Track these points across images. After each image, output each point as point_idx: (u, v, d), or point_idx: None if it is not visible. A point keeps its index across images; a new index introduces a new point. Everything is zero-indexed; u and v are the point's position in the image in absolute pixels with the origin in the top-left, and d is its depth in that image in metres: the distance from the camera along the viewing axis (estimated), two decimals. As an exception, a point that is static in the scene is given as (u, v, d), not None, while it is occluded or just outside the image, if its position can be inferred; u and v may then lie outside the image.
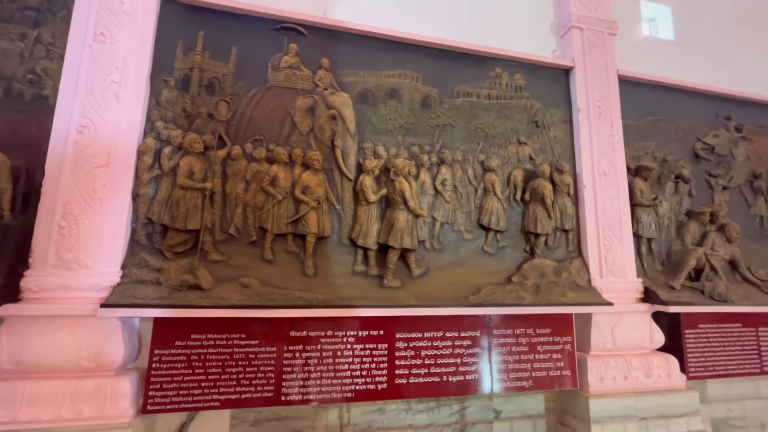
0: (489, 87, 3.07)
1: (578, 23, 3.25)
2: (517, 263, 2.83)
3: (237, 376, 2.11)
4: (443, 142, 2.88)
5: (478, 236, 2.84)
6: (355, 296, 2.36)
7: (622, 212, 3.03)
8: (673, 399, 2.68)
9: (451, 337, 2.45)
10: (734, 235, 3.23)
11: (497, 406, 2.68)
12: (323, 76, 2.71)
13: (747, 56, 3.95)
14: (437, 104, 2.93)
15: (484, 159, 2.92)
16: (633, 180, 3.19)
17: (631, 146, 3.30)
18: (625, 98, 3.32)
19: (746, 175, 3.60)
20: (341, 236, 2.57)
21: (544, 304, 2.59)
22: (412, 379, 2.34)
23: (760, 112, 3.77)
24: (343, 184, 2.63)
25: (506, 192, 2.95)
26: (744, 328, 3.07)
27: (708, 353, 2.93)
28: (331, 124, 2.64)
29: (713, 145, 3.52)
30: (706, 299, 2.99)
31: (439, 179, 2.80)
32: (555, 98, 3.20)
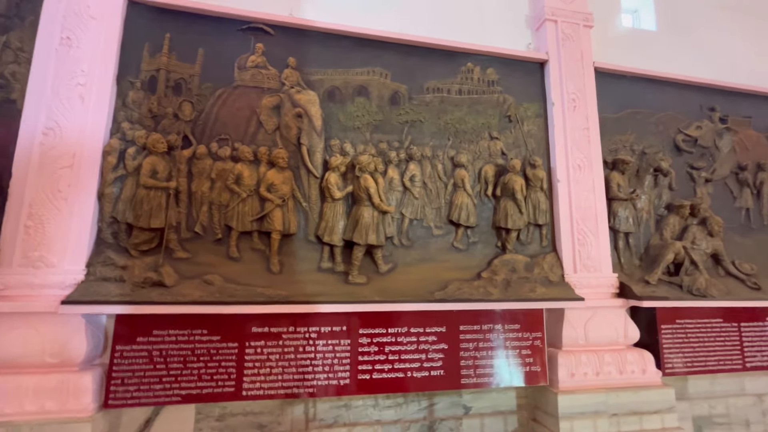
0: (460, 82, 3.06)
1: (552, 16, 3.21)
2: (488, 259, 2.82)
3: (198, 372, 2.15)
4: (412, 138, 2.88)
5: (448, 232, 2.83)
6: (319, 292, 2.38)
7: (597, 206, 2.99)
8: (646, 395, 2.63)
9: (415, 333, 2.45)
10: (716, 229, 3.16)
11: (467, 402, 2.67)
12: (290, 75, 2.73)
13: (732, 45, 3.86)
14: (406, 100, 2.93)
15: (454, 155, 2.91)
16: (610, 173, 3.14)
17: (608, 139, 3.25)
18: (602, 91, 3.27)
19: (731, 167, 3.51)
20: (308, 233, 2.59)
21: (512, 300, 2.57)
22: (375, 375, 2.35)
23: (746, 103, 3.67)
24: (309, 181, 2.65)
25: (477, 187, 2.93)
26: (725, 323, 3.00)
27: (686, 349, 2.87)
28: (297, 122, 2.66)
29: (696, 136, 3.45)
30: (684, 294, 2.93)
31: (407, 175, 2.79)
32: (529, 92, 3.17)
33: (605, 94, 3.29)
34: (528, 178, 2.98)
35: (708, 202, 3.36)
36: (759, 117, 3.69)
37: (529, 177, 2.98)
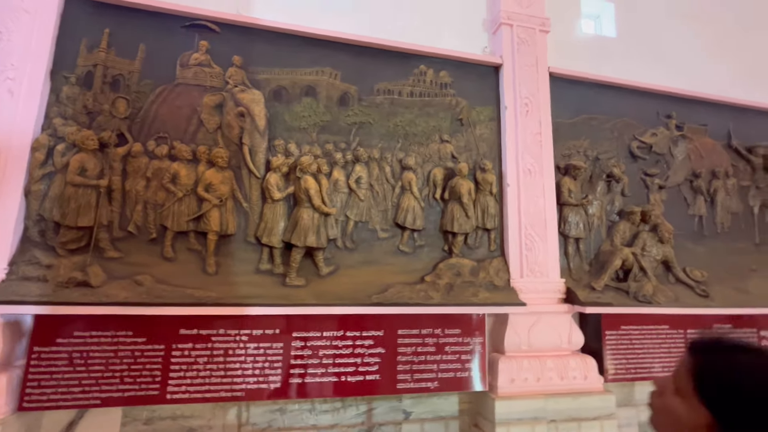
0: (412, 84, 3.04)
1: (508, 20, 3.21)
2: (434, 262, 2.80)
3: (121, 374, 2.10)
4: (360, 139, 2.85)
5: (395, 235, 2.81)
6: (253, 294, 2.35)
7: (547, 211, 2.99)
8: (587, 401, 2.63)
9: (351, 337, 2.42)
10: (666, 235, 3.17)
11: (407, 407, 2.65)
12: (234, 74, 2.69)
13: (690, 54, 3.88)
14: (356, 101, 2.90)
15: (403, 157, 2.89)
16: (562, 179, 3.14)
17: (562, 144, 3.25)
18: (558, 96, 3.28)
19: (686, 175, 3.53)
20: (247, 234, 2.55)
21: (452, 304, 2.56)
22: (308, 379, 2.32)
23: (702, 111, 3.69)
24: (250, 181, 2.61)
25: (425, 190, 2.92)
26: (671, 330, 3.01)
27: (630, 355, 2.88)
28: (239, 122, 2.62)
29: (651, 143, 3.46)
30: (630, 300, 2.94)
31: (353, 177, 2.77)
32: (483, 96, 3.16)
33: (561, 99, 3.30)
34: (478, 181, 2.97)
35: (661, 209, 3.37)
36: (715, 125, 3.71)
37: (479, 181, 2.97)
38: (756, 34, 4.24)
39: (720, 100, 3.75)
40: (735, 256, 3.49)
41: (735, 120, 3.79)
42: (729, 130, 3.74)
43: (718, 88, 3.79)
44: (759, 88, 3.98)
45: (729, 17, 4.18)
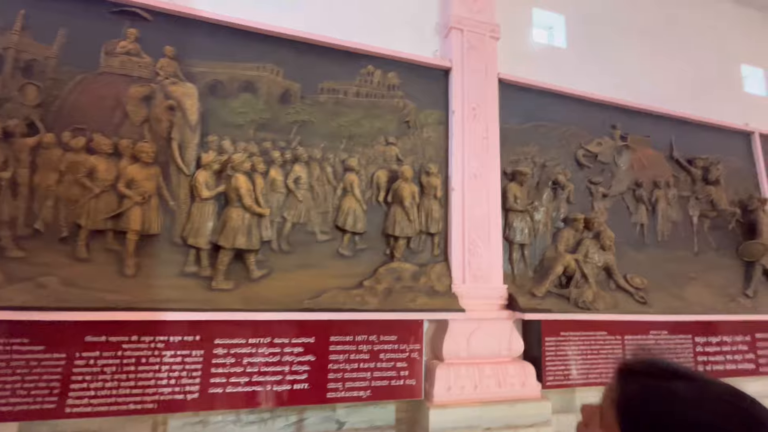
0: (358, 84, 2.98)
1: (458, 24, 3.21)
2: (375, 266, 2.72)
3: (12, 386, 1.91)
4: (301, 139, 2.76)
5: (335, 238, 2.72)
6: (173, 298, 2.20)
7: (491, 216, 2.98)
8: (523, 409, 2.61)
9: (279, 344, 2.31)
10: (608, 243, 3.22)
11: (341, 417, 2.55)
12: (166, 65, 2.55)
13: (636, 66, 4.01)
14: (298, 100, 2.81)
15: (346, 158, 2.81)
16: (508, 184, 3.15)
17: (510, 150, 3.27)
18: (507, 102, 3.30)
19: (629, 184, 3.62)
20: (173, 234, 2.40)
21: (387, 310, 2.49)
22: (229, 389, 2.19)
23: (646, 122, 3.81)
24: (179, 179, 2.46)
25: (368, 193, 2.85)
26: (609, 336, 3.04)
27: (569, 361, 2.89)
28: (168, 115, 2.48)
29: (596, 152, 3.53)
30: (570, 306, 2.96)
31: (291, 177, 2.67)
32: (432, 99, 3.14)
33: (510, 106, 3.32)
34: (423, 185, 2.93)
35: (604, 217, 3.44)
36: (657, 136, 3.84)
37: (423, 184, 2.93)
38: (698, 53, 4.44)
39: (663, 113, 3.88)
40: (674, 264, 3.60)
41: (677, 132, 3.94)
42: (671, 142, 3.88)
43: (662, 101, 3.93)
44: (700, 103, 4.15)
45: (674, 34, 4.36)
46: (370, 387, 2.43)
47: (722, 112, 4.27)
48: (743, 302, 3.58)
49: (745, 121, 4.35)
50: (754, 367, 3.45)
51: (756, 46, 4.80)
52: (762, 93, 4.67)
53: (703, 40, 4.50)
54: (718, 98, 4.39)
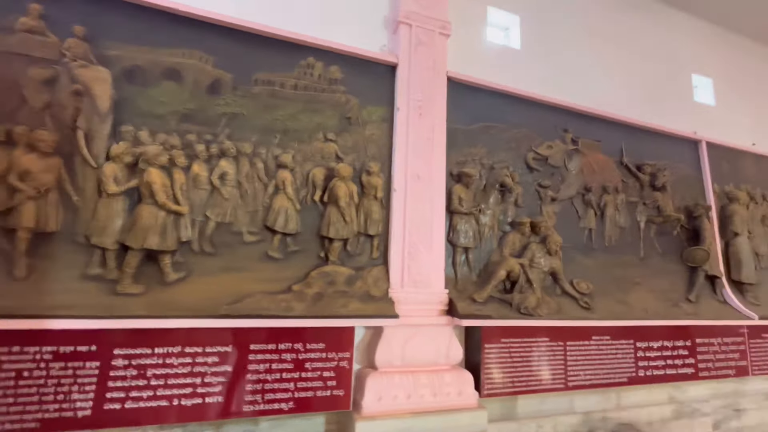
0: (297, 77, 2.82)
1: (407, 19, 3.10)
2: (307, 270, 2.57)
3: None
4: (231, 132, 2.57)
5: (264, 239, 2.55)
6: (68, 304, 1.97)
7: (434, 219, 2.88)
8: (457, 418, 2.51)
9: (191, 354, 2.12)
10: (553, 247, 3.18)
11: (264, 430, 2.38)
12: (74, 46, 2.31)
13: (590, 71, 4.03)
14: (229, 90, 2.63)
15: (279, 154, 2.65)
16: (453, 186, 3.06)
17: (458, 151, 3.18)
18: (456, 102, 3.22)
19: (578, 188, 3.61)
20: (77, 233, 2.18)
21: (314, 316, 2.34)
22: (129, 404, 1.98)
23: (598, 127, 3.82)
24: (85, 172, 2.24)
25: (304, 192, 2.70)
26: (551, 343, 3.00)
27: (509, 369, 2.82)
28: (74, 101, 2.25)
29: (546, 155, 3.50)
30: (512, 312, 2.90)
31: (217, 173, 2.48)
32: (377, 95, 3.01)
33: (459, 106, 3.24)
34: (363, 185, 2.81)
35: (553, 221, 3.40)
36: (608, 141, 3.85)
37: (364, 184, 2.80)
38: (650, 61, 4.51)
39: (615, 119, 3.90)
40: (620, 269, 3.61)
41: (627, 138, 3.97)
42: (621, 148, 3.90)
43: (614, 107, 3.95)
44: (651, 110, 4.20)
45: (628, 41, 4.41)
46: (293, 398, 2.27)
47: (672, 119, 4.35)
48: (685, 307, 3.63)
49: (694, 129, 4.44)
50: (694, 371, 3.49)
51: (707, 56, 4.93)
52: (710, 102, 4.79)
53: (656, 48, 4.58)
54: (669, 106, 4.47)
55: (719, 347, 3.66)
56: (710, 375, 3.55)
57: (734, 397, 3.87)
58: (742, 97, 5.04)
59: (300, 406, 2.28)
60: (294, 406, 2.26)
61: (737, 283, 4.09)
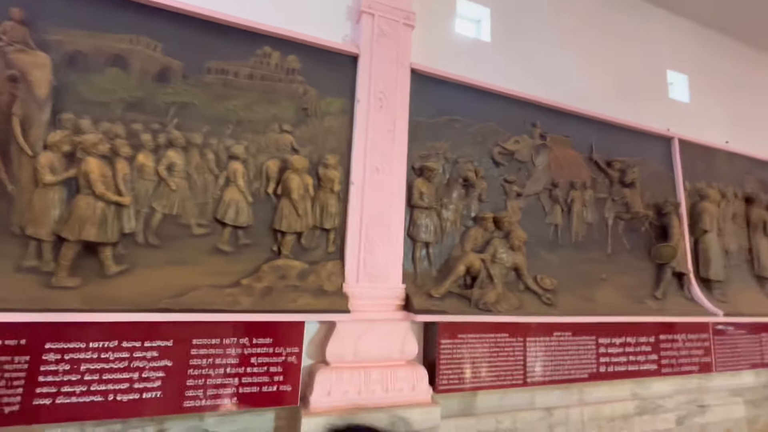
0: (252, 66, 2.75)
1: (369, 9, 3.03)
2: (258, 264, 2.52)
3: None
4: (180, 122, 2.50)
5: (214, 232, 2.49)
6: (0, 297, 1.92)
7: (393, 212, 2.83)
8: (409, 414, 2.49)
9: (128, 348, 2.07)
10: (517, 243, 3.16)
11: (210, 426, 2.34)
12: (11, 29, 2.23)
13: (563, 66, 3.99)
14: (179, 79, 2.55)
15: (231, 145, 2.59)
16: (415, 180, 3.02)
17: (421, 145, 3.14)
18: (420, 94, 3.17)
19: (545, 184, 3.58)
20: (11, 223, 2.10)
21: (260, 311, 2.29)
22: (60, 400, 1.93)
23: (568, 122, 3.78)
24: (21, 160, 2.16)
25: (257, 184, 2.64)
26: (511, 338, 2.99)
27: (466, 364, 2.80)
28: (9, 87, 2.16)
29: (513, 150, 3.46)
30: (471, 308, 2.87)
31: (164, 163, 2.42)
32: (337, 86, 2.95)
33: (423, 98, 3.19)
34: (320, 178, 2.76)
35: (518, 216, 3.38)
36: (579, 137, 3.82)
37: (320, 177, 2.75)
38: (625, 56, 4.48)
39: (586, 114, 3.87)
40: (587, 266, 3.60)
41: (598, 134, 3.94)
42: (592, 144, 3.88)
43: (586, 103, 3.92)
44: (624, 106, 4.18)
45: (602, 36, 4.37)
46: (237, 394, 2.23)
47: (647, 116, 4.34)
48: (650, 304, 3.64)
49: (668, 126, 4.43)
50: (657, 368, 3.51)
51: (683, 52, 4.91)
52: (685, 99, 4.78)
53: (631, 44, 4.55)
54: (643, 102, 4.45)
55: (683, 344, 3.67)
56: (673, 371, 3.57)
57: (698, 393, 3.89)
58: (718, 95, 5.03)
59: (244, 401, 2.24)
60: (238, 402, 2.23)
61: (705, 280, 4.11)
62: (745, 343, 4.02)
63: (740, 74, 5.34)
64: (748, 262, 4.55)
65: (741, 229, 4.62)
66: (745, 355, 3.99)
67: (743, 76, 5.37)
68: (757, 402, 4.21)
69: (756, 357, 4.05)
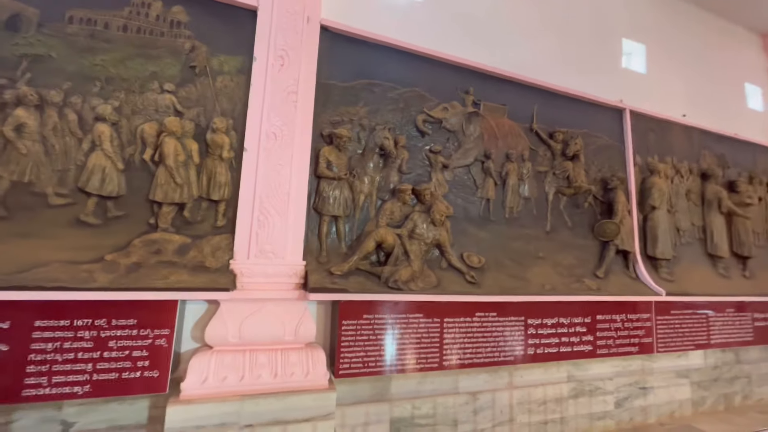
0: (127, 17, 2.44)
1: (270, -44, 2.72)
2: (130, 238, 2.26)
3: None
4: (34, 77, 2.20)
5: (78, 202, 2.22)
6: None
7: (292, 183, 2.57)
8: (298, 401, 2.27)
9: (-50, 331, 1.82)
10: (438, 217, 2.92)
11: (69, 417, 2.11)
12: None
13: (505, 29, 3.70)
14: (33, 28, 2.24)
15: (98, 105, 2.29)
16: (323, 148, 2.75)
17: (333, 110, 2.86)
18: (333, 55, 2.88)
19: (477, 155, 3.33)
20: None
21: (115, 289, 2.04)
22: None
23: (505, 90, 3.51)
24: None
25: (131, 149, 2.36)
26: (426, 319, 2.77)
27: (371, 347, 2.59)
28: None
29: (440, 118, 3.20)
30: (380, 286, 2.65)
31: (11, 123, 2.12)
32: (233, 43, 2.64)
33: (337, 59, 2.90)
34: (207, 143, 2.48)
35: (444, 189, 3.14)
36: (518, 106, 3.56)
37: (208, 142, 2.48)
38: (577, 23, 4.20)
39: (527, 81, 3.59)
40: (522, 243, 3.38)
41: (543, 104, 3.68)
42: (533, 113, 3.62)
43: (533, 71, 3.64)
44: (575, 76, 3.92)
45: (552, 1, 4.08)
46: (90, 381, 1.99)
47: (598, 86, 4.08)
48: (589, 283, 3.44)
49: (621, 97, 4.19)
50: (592, 348, 3.33)
51: (639, 21, 4.63)
52: (641, 70, 4.53)
53: (583, 10, 4.26)
54: (595, 72, 4.19)
55: (622, 324, 3.50)
56: (610, 353, 3.40)
57: (641, 375, 3.75)
58: (676, 66, 4.78)
59: (99, 389, 2.00)
60: (91, 390, 1.99)
61: (652, 258, 3.93)
62: (690, 323, 3.87)
63: (702, 45, 5.09)
64: (701, 240, 4.38)
65: (695, 207, 4.44)
66: (690, 335, 3.84)
67: (705, 47, 5.12)
68: (704, 384, 4.09)
69: (702, 337, 3.90)
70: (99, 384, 2.01)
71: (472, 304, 2.91)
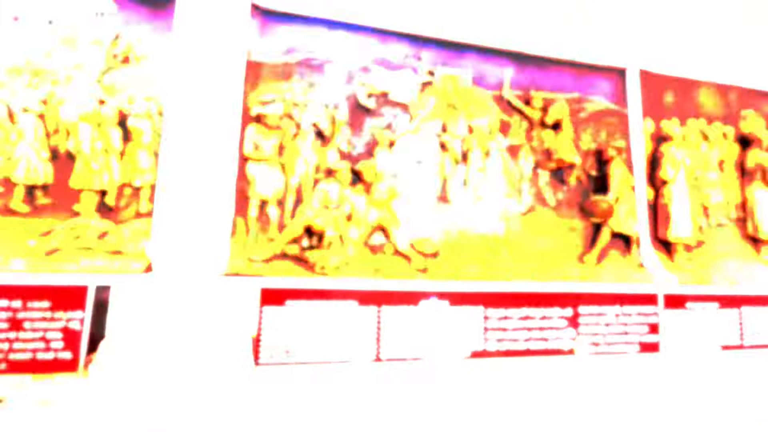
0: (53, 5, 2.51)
1: (192, -67, 2.64)
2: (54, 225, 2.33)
3: None
4: (-33, 75, 2.35)
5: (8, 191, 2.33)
6: None
7: (218, 166, 2.51)
8: (210, 389, 2.21)
9: None
10: (381, 199, 2.68)
11: (2, 392, 2.25)
12: None
13: None
14: (-33, 29, 2.39)
15: (25, 96, 2.39)
16: (252, 128, 2.63)
17: (264, 88, 2.72)
18: (265, 32, 2.76)
19: (432, 129, 2.99)
20: None
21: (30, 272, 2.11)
22: None
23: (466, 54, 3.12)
24: None
25: (57, 138, 2.43)
26: (361, 306, 2.56)
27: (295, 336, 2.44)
28: None
29: (387, 91, 2.92)
30: (308, 272, 2.49)
31: (-55, 120, 2.29)
32: (157, 27, 2.61)
33: (269, 36, 2.77)
34: (128, 130, 2.49)
35: (392, 168, 2.86)
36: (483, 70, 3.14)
37: (129, 129, 2.48)
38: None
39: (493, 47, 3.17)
40: (487, 226, 3.00)
41: (516, 66, 3.22)
42: (502, 80, 3.18)
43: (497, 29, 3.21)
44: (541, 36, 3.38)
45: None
46: (7, 360, 2.09)
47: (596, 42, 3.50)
48: (569, 270, 2.98)
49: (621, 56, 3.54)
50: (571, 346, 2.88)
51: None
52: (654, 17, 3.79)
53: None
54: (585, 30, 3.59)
55: (616, 319, 2.98)
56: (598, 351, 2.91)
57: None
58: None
59: (16, 368, 2.10)
60: (8, 368, 2.09)
61: (664, 242, 3.30)
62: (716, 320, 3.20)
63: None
64: (738, 221, 3.61)
65: (730, 179, 3.66)
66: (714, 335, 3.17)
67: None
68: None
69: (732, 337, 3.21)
70: (15, 363, 2.10)
71: (419, 293, 2.64)
